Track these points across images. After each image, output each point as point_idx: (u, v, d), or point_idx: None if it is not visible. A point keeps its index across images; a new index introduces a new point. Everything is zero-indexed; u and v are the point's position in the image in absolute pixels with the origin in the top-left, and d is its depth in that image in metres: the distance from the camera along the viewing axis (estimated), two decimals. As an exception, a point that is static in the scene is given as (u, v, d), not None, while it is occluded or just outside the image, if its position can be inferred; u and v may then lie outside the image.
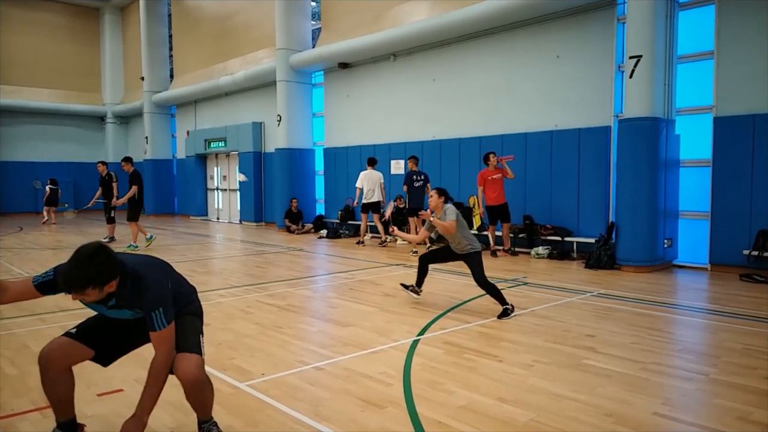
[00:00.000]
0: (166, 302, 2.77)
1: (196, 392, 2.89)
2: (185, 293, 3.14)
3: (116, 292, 2.71)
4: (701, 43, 9.20)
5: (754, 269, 8.21)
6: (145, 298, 2.71)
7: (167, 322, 2.75)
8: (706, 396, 3.82)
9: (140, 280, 2.74)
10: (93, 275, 2.53)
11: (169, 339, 2.77)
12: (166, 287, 2.82)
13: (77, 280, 2.52)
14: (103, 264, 2.56)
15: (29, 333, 5.41)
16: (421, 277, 6.67)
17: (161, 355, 2.76)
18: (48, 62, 25.44)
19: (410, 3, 13.49)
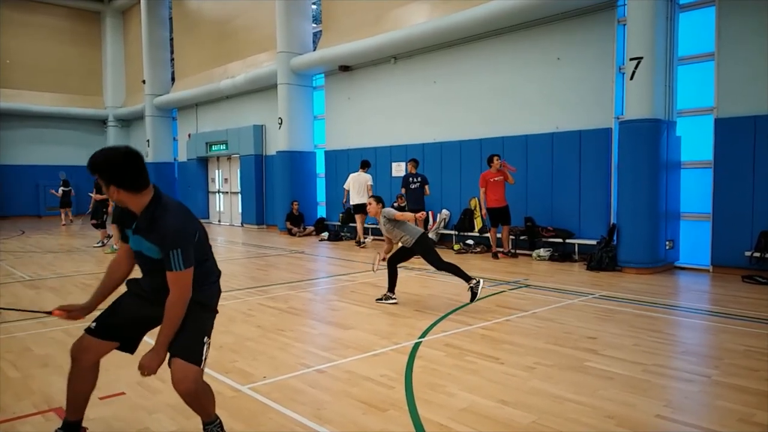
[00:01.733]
0: (186, 246, 2.68)
1: (191, 401, 2.88)
2: (209, 269, 2.97)
3: (139, 215, 2.72)
4: (702, 45, 9.20)
5: (756, 270, 8.20)
6: (165, 235, 2.66)
7: (184, 266, 2.67)
8: (708, 398, 3.81)
9: (165, 214, 2.70)
10: (103, 164, 2.62)
11: (184, 282, 2.70)
12: (189, 233, 2.73)
13: (92, 160, 2.64)
14: (120, 162, 2.63)
15: (31, 336, 5.42)
16: (393, 280, 6.84)
17: (174, 296, 2.71)
18: (49, 66, 25.48)
19: (411, 5, 13.51)
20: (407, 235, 6.57)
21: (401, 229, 6.60)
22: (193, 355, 2.81)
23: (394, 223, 6.61)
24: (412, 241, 6.55)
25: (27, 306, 6.79)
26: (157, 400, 3.75)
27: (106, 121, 27.01)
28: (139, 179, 2.68)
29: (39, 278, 8.82)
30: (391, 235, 6.70)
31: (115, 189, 2.65)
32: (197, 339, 2.85)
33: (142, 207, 2.71)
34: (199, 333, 2.87)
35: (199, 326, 2.89)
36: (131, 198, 2.69)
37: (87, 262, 10.71)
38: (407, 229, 6.62)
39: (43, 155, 25.23)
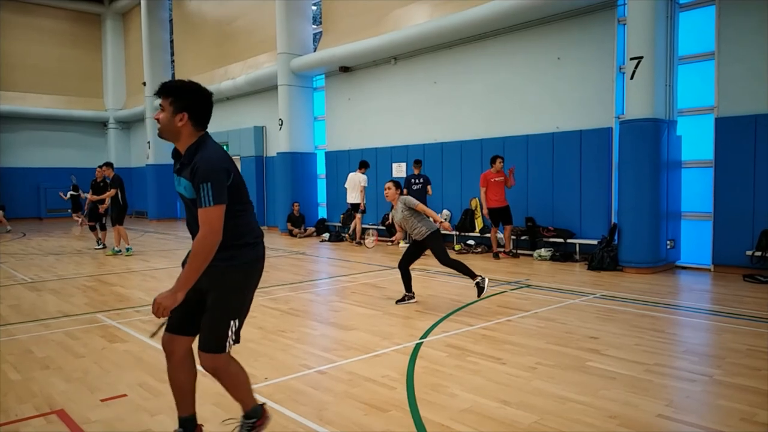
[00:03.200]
0: (217, 181, 2.60)
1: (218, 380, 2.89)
2: (243, 226, 2.78)
3: (183, 154, 2.73)
4: (702, 44, 9.20)
5: (758, 270, 8.19)
6: (198, 168, 2.62)
7: (213, 201, 2.57)
8: (711, 397, 3.80)
9: (203, 150, 2.68)
10: (184, 90, 2.70)
11: (211, 220, 2.58)
12: (221, 169, 2.64)
13: (174, 83, 2.73)
14: (201, 94, 2.75)
15: (32, 338, 5.42)
16: (407, 282, 6.79)
17: (201, 234, 2.59)
18: (50, 68, 25.53)
19: (411, 6, 13.51)
20: (423, 227, 6.48)
21: (418, 220, 6.51)
22: (213, 342, 2.76)
23: (412, 213, 6.51)
24: (426, 234, 6.47)
25: (28, 310, 6.79)
26: (159, 401, 3.75)
27: (106, 123, 27.04)
28: (206, 117, 2.77)
29: (40, 280, 8.83)
30: (405, 224, 6.58)
31: (181, 117, 2.69)
32: (221, 322, 2.75)
33: (187, 146, 2.73)
34: (222, 316, 2.76)
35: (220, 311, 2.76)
36: (189, 132, 2.72)
37: (88, 264, 10.71)
38: (425, 221, 6.54)
39: (44, 157, 25.28)
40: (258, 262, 2.86)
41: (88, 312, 6.54)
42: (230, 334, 2.78)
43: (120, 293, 7.70)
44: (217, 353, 2.78)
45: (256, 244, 2.84)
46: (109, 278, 9.01)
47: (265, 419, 3.03)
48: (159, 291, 8.06)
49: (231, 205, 2.69)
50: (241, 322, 2.84)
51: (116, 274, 9.40)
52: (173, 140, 2.76)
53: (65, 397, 3.86)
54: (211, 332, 2.76)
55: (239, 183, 2.76)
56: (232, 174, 2.70)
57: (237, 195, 2.73)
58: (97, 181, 12.90)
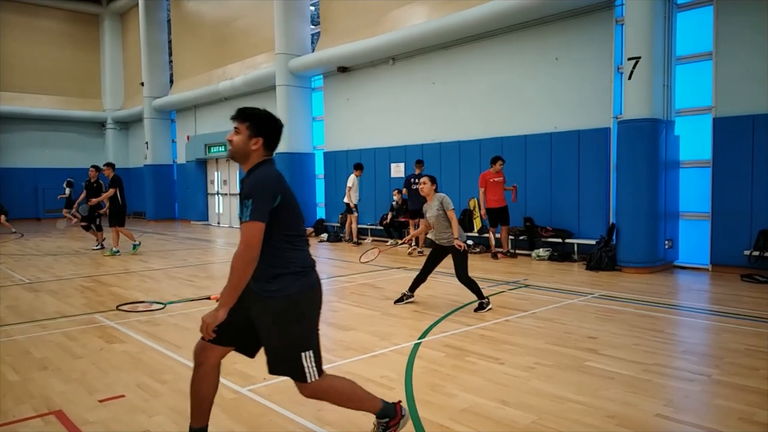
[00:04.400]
0: (261, 198, 2.62)
1: (325, 401, 2.92)
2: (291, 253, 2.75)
3: (246, 174, 2.82)
4: (700, 44, 9.22)
5: (756, 269, 8.20)
6: (246, 185, 2.71)
7: (251, 217, 2.59)
8: (709, 397, 3.81)
9: (258, 171, 2.77)
10: (261, 117, 2.81)
11: (248, 236, 2.60)
12: (267, 188, 2.67)
13: (252, 110, 2.83)
14: (275, 123, 2.85)
15: (30, 339, 5.41)
16: (418, 283, 6.74)
17: (238, 249, 2.61)
18: (48, 69, 25.48)
19: (409, 6, 13.51)
20: (452, 235, 6.29)
21: (448, 225, 6.33)
22: (293, 375, 2.80)
23: (445, 216, 6.31)
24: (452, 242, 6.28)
25: (26, 311, 6.78)
26: (157, 402, 3.75)
27: (104, 123, 27.00)
28: (276, 143, 2.88)
29: (38, 281, 8.81)
30: (435, 222, 6.37)
31: (256, 141, 2.78)
32: (293, 360, 2.76)
33: (250, 167, 2.82)
34: (292, 353, 2.76)
35: (289, 344, 2.75)
36: (258, 156, 2.81)
37: (86, 265, 10.69)
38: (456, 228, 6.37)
39: (42, 158, 25.23)
40: (309, 293, 2.80)
41: (86, 313, 6.53)
42: (307, 365, 2.77)
43: (118, 294, 7.69)
44: (303, 383, 2.82)
45: (305, 274, 2.79)
46: (107, 279, 8.99)
47: (399, 418, 3.03)
48: (157, 291, 8.04)
49: (278, 230, 2.70)
50: (316, 352, 2.81)
51: (114, 275, 9.38)
52: (242, 161, 2.84)
53: (63, 398, 3.85)
54: (285, 363, 2.79)
55: (290, 209, 2.75)
56: (280, 197, 2.70)
57: (285, 220, 2.73)
58: (91, 182, 12.88)
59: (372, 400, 2.99)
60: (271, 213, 2.66)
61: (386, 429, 3.02)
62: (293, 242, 2.77)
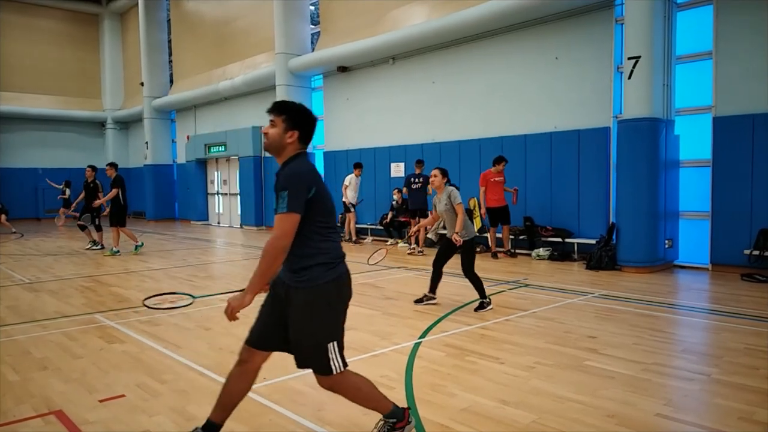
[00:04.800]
0: (295, 190, 2.66)
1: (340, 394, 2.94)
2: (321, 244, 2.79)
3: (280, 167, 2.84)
4: (699, 44, 9.22)
5: (756, 269, 8.21)
6: (280, 177, 2.74)
7: (287, 209, 2.64)
8: (709, 396, 3.81)
9: (292, 163, 2.81)
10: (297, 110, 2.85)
11: (282, 226, 2.64)
12: (302, 180, 2.71)
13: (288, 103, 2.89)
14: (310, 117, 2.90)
15: (30, 339, 5.41)
16: (435, 282, 6.63)
17: (271, 237, 2.66)
18: (48, 69, 25.47)
19: (409, 6, 13.51)
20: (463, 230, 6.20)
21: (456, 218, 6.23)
22: (317, 367, 2.83)
23: (453, 209, 6.24)
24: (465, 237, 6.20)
25: (26, 311, 6.78)
26: (157, 402, 3.75)
27: (104, 123, 27.00)
28: (310, 137, 2.93)
29: (38, 281, 8.81)
30: (446, 214, 6.33)
31: (292, 134, 2.83)
32: (318, 350, 2.79)
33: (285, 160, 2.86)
34: (317, 343, 2.79)
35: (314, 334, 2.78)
36: (293, 149, 2.85)
37: (86, 265, 10.70)
38: (466, 225, 6.26)
39: (42, 158, 25.23)
40: (337, 284, 2.83)
41: (86, 313, 6.53)
42: (331, 357, 2.80)
43: (118, 294, 7.69)
44: (326, 375, 2.84)
45: (334, 266, 2.83)
46: (107, 279, 9.00)
47: (406, 423, 3.05)
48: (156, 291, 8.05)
49: (310, 222, 2.74)
50: (340, 343, 2.85)
51: (114, 275, 9.39)
52: (276, 154, 2.88)
53: (63, 397, 3.86)
54: (311, 354, 2.81)
55: (323, 201, 2.79)
56: (314, 189, 2.73)
57: (318, 212, 2.76)
58: (88, 182, 12.88)
59: (384, 401, 3.02)
60: (305, 204, 2.70)
61: (392, 429, 3.04)
62: (324, 234, 2.81)
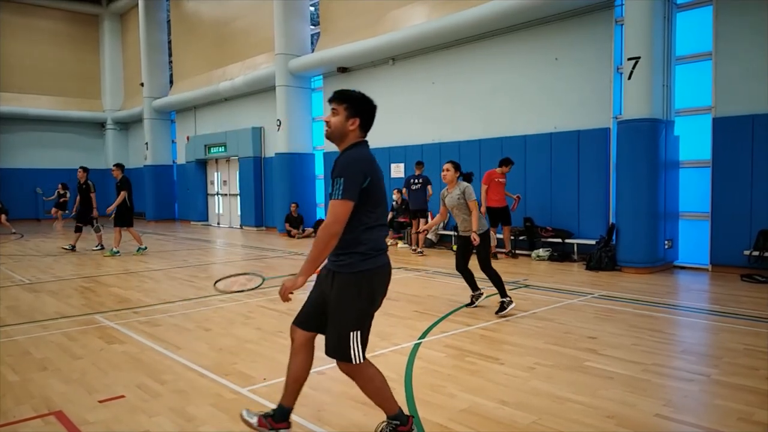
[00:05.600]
0: (351, 178, 2.74)
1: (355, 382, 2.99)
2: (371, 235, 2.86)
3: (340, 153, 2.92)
4: (699, 44, 9.22)
5: (755, 269, 8.21)
6: (337, 164, 2.82)
7: (342, 196, 2.72)
8: (708, 397, 3.81)
9: (350, 151, 2.89)
10: (358, 98, 2.95)
11: (336, 212, 2.73)
12: (357, 169, 2.78)
13: (349, 92, 2.98)
14: (371, 105, 2.99)
15: (30, 339, 5.41)
16: (471, 281, 6.52)
17: (325, 223, 2.76)
18: (48, 69, 25.49)
19: (408, 7, 13.52)
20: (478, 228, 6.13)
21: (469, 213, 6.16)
22: (339, 353, 2.87)
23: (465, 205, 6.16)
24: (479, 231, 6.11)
25: (26, 311, 6.78)
26: (157, 403, 3.75)
27: (104, 124, 27.02)
28: (370, 125, 3.00)
29: (38, 282, 8.81)
30: (458, 211, 6.22)
31: (353, 121, 2.92)
32: (341, 336, 2.85)
33: (345, 148, 2.94)
34: (341, 329, 2.85)
35: (341, 319, 2.86)
36: (353, 136, 2.93)
37: (86, 265, 10.70)
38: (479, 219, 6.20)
39: (42, 159, 25.25)
40: (371, 275, 2.88)
41: (86, 313, 6.53)
42: (353, 345, 2.84)
43: (118, 294, 7.69)
44: (345, 362, 2.89)
45: (375, 257, 2.88)
46: (107, 279, 9.00)
47: (409, 429, 3.06)
48: (157, 292, 8.05)
49: (359, 210, 2.80)
50: (364, 334, 2.89)
51: (114, 275, 9.39)
52: (338, 142, 2.95)
53: (63, 398, 3.86)
54: (334, 339, 2.87)
55: (375, 192, 2.85)
56: (370, 179, 2.81)
57: (368, 202, 2.83)
58: (80, 183, 12.89)
59: (392, 401, 3.04)
60: (360, 193, 2.77)
61: (394, 430, 3.04)
62: (368, 224, 2.86)
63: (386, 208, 3.01)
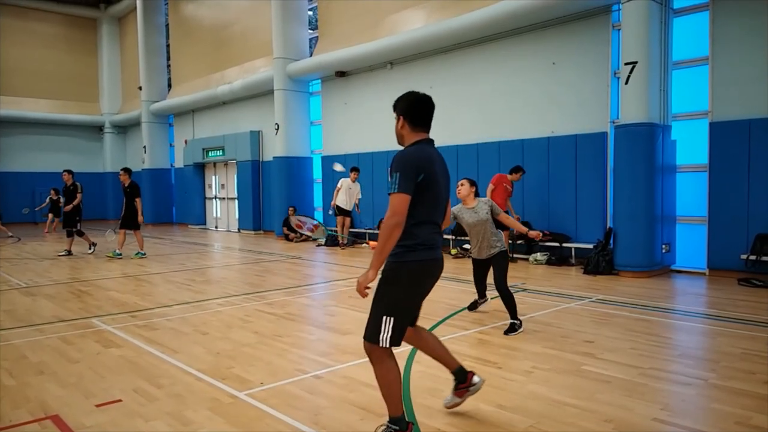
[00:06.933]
0: (406, 172, 2.88)
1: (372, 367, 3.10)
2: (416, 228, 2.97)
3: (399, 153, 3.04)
4: (696, 49, 9.26)
5: (752, 273, 8.22)
6: (394, 160, 2.95)
7: (398, 189, 2.85)
8: (706, 401, 3.81)
9: (408, 148, 3.06)
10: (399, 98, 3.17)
11: (394, 205, 2.85)
12: (412, 164, 2.91)
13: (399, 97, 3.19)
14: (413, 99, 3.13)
15: (27, 343, 5.40)
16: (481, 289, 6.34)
17: (386, 216, 2.87)
18: (46, 72, 25.49)
19: (407, 11, 13.55)
20: (499, 242, 5.85)
21: (494, 233, 5.82)
22: (368, 333, 3.01)
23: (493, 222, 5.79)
24: (497, 251, 5.83)
25: (23, 316, 6.76)
26: (154, 407, 3.74)
27: (102, 127, 27.01)
28: (421, 118, 3.12)
29: (35, 285, 8.79)
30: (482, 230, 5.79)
31: (402, 120, 3.13)
32: (375, 317, 2.99)
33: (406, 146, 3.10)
34: (376, 311, 2.99)
35: (378, 303, 3.00)
36: (408, 134, 3.12)
37: (83, 269, 10.68)
38: (499, 235, 5.90)
39: (40, 162, 25.23)
40: (413, 267, 2.99)
41: (83, 317, 6.52)
42: (384, 329, 2.96)
43: (115, 298, 7.68)
44: (371, 343, 3.01)
45: (421, 251, 3.00)
46: (104, 283, 8.98)
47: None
48: (154, 296, 8.05)
49: (414, 204, 2.91)
50: (398, 322, 2.98)
51: (111, 279, 9.37)
52: (401, 143, 3.17)
53: (60, 402, 3.85)
54: (370, 320, 3.02)
55: (428, 189, 2.96)
56: (423, 175, 2.93)
57: (421, 198, 2.94)
58: (67, 186, 12.90)
59: (398, 403, 3.08)
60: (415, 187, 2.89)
61: None
62: (418, 219, 2.97)
63: (441, 208, 3.12)
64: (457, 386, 3.49)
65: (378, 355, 3.01)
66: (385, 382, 3.04)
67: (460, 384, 3.48)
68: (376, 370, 3.05)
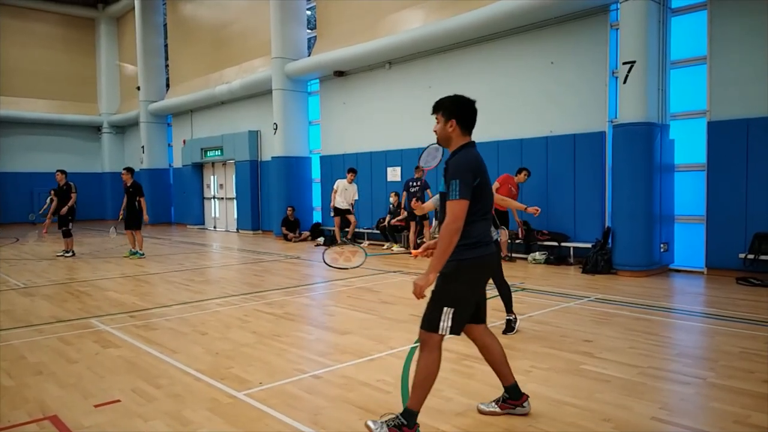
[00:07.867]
0: (464, 179, 3.04)
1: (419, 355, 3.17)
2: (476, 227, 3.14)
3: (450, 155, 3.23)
4: (694, 48, 9.27)
5: (751, 272, 8.23)
6: (449, 168, 3.14)
7: (458, 195, 3.00)
8: (704, 400, 3.82)
9: (459, 154, 3.20)
10: (450, 100, 3.35)
11: (455, 211, 3.00)
12: (467, 169, 3.07)
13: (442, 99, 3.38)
14: (463, 102, 3.33)
15: (26, 344, 5.39)
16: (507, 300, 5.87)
17: (446, 220, 3.01)
18: (44, 73, 25.45)
19: (405, 11, 13.55)
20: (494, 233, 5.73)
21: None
22: (427, 323, 3.14)
23: None
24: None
25: (21, 316, 6.75)
26: (152, 407, 3.74)
27: (100, 127, 26.97)
28: (471, 122, 3.32)
29: (33, 286, 8.78)
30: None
31: (451, 124, 3.27)
32: (435, 308, 3.12)
33: (453, 150, 3.25)
34: (437, 303, 3.12)
35: (438, 297, 3.13)
36: (457, 137, 3.27)
37: (82, 269, 10.67)
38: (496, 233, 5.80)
39: (38, 162, 25.17)
40: (476, 260, 3.17)
41: (81, 317, 6.51)
42: (443, 318, 3.10)
43: (114, 298, 7.67)
44: (428, 331, 3.13)
45: (476, 248, 3.16)
46: (102, 283, 8.97)
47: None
48: (152, 296, 8.03)
49: (470, 205, 3.06)
50: (458, 314, 3.13)
51: (110, 279, 9.36)
52: (447, 146, 3.32)
53: (59, 402, 3.84)
54: (428, 311, 3.14)
55: (483, 190, 3.14)
56: (479, 179, 3.11)
57: (477, 199, 3.11)
58: (61, 186, 12.89)
59: (422, 399, 3.16)
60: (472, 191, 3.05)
61: (397, 427, 3.08)
62: (475, 218, 3.13)
63: (490, 202, 3.28)
64: (505, 399, 3.50)
65: (433, 343, 3.12)
66: (426, 372, 3.12)
67: (510, 400, 3.49)
68: (424, 358, 3.13)
